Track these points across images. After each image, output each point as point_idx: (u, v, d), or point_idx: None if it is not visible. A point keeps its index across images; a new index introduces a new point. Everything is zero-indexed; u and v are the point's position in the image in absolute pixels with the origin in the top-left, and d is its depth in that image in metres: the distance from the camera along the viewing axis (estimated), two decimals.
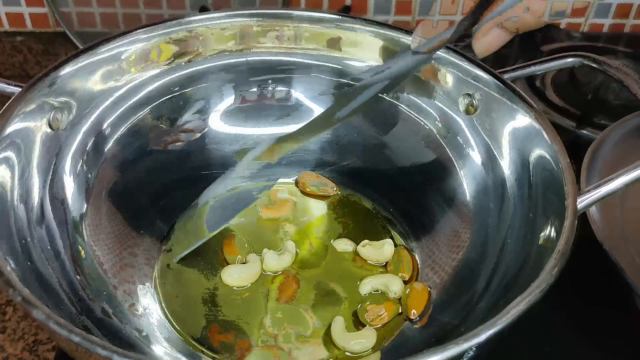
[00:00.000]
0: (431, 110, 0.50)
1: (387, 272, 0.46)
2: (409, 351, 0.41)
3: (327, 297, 0.45)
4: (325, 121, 0.47)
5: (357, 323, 0.43)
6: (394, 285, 0.45)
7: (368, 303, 0.44)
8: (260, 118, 0.54)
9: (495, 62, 0.50)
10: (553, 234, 0.37)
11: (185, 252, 0.47)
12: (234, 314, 0.43)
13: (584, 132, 0.63)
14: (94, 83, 0.46)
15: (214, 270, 0.46)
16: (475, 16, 0.38)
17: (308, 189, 0.53)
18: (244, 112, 0.54)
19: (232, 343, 0.42)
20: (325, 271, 0.47)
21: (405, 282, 0.46)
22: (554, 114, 0.65)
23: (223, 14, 0.51)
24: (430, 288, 0.45)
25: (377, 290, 0.45)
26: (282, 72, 0.53)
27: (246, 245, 0.48)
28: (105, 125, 0.47)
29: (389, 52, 0.51)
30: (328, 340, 0.42)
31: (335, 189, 0.53)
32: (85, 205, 0.45)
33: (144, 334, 0.41)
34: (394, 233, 0.50)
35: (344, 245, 0.48)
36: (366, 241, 0.48)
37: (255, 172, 0.53)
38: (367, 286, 0.45)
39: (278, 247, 0.48)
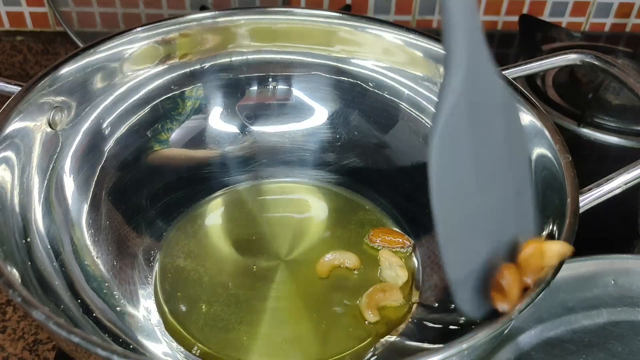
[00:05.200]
0: (432, 109, 0.50)
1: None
2: (409, 350, 0.41)
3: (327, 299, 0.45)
4: None
5: None
6: None
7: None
8: (260, 117, 0.54)
9: (495, 62, 0.50)
10: (554, 233, 0.37)
11: None
12: (235, 314, 0.43)
13: (585, 131, 0.63)
14: (94, 82, 0.46)
15: (214, 270, 0.46)
16: None
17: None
18: (244, 110, 0.54)
19: (232, 343, 0.42)
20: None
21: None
22: (554, 113, 0.65)
23: (223, 12, 0.51)
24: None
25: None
26: (282, 70, 0.53)
27: None
28: (105, 125, 0.47)
29: (389, 51, 0.51)
30: (326, 340, 0.42)
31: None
32: (85, 206, 0.45)
33: (144, 333, 0.41)
34: None
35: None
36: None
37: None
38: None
39: None
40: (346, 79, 0.53)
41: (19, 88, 0.41)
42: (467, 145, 0.29)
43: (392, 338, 0.42)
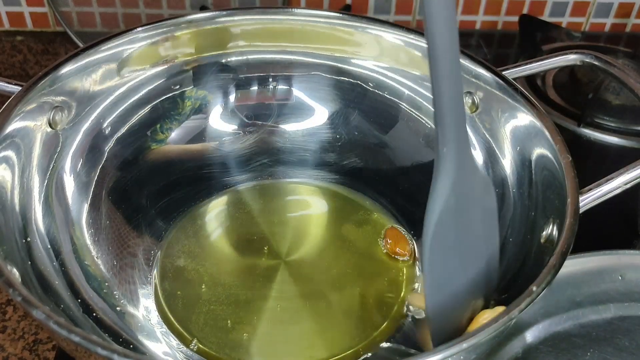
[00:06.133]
0: (432, 109, 0.50)
1: None
2: (409, 350, 0.41)
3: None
4: None
5: None
6: None
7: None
8: (260, 117, 0.54)
9: (495, 62, 0.50)
10: (554, 233, 0.37)
11: None
12: (235, 314, 0.43)
13: (585, 131, 0.63)
14: (94, 82, 0.46)
15: (214, 270, 0.46)
16: None
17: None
18: (244, 110, 0.54)
19: (232, 343, 0.42)
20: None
21: None
22: (554, 113, 0.65)
23: (223, 12, 0.51)
24: None
25: None
26: (282, 70, 0.53)
27: None
28: (105, 125, 0.47)
29: (389, 51, 0.51)
30: (326, 340, 0.42)
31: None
32: (86, 205, 0.45)
33: (144, 333, 0.41)
34: None
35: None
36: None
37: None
38: None
39: None
40: (346, 79, 0.53)
41: (19, 88, 0.41)
42: (453, 232, 0.33)
43: (392, 338, 0.42)
